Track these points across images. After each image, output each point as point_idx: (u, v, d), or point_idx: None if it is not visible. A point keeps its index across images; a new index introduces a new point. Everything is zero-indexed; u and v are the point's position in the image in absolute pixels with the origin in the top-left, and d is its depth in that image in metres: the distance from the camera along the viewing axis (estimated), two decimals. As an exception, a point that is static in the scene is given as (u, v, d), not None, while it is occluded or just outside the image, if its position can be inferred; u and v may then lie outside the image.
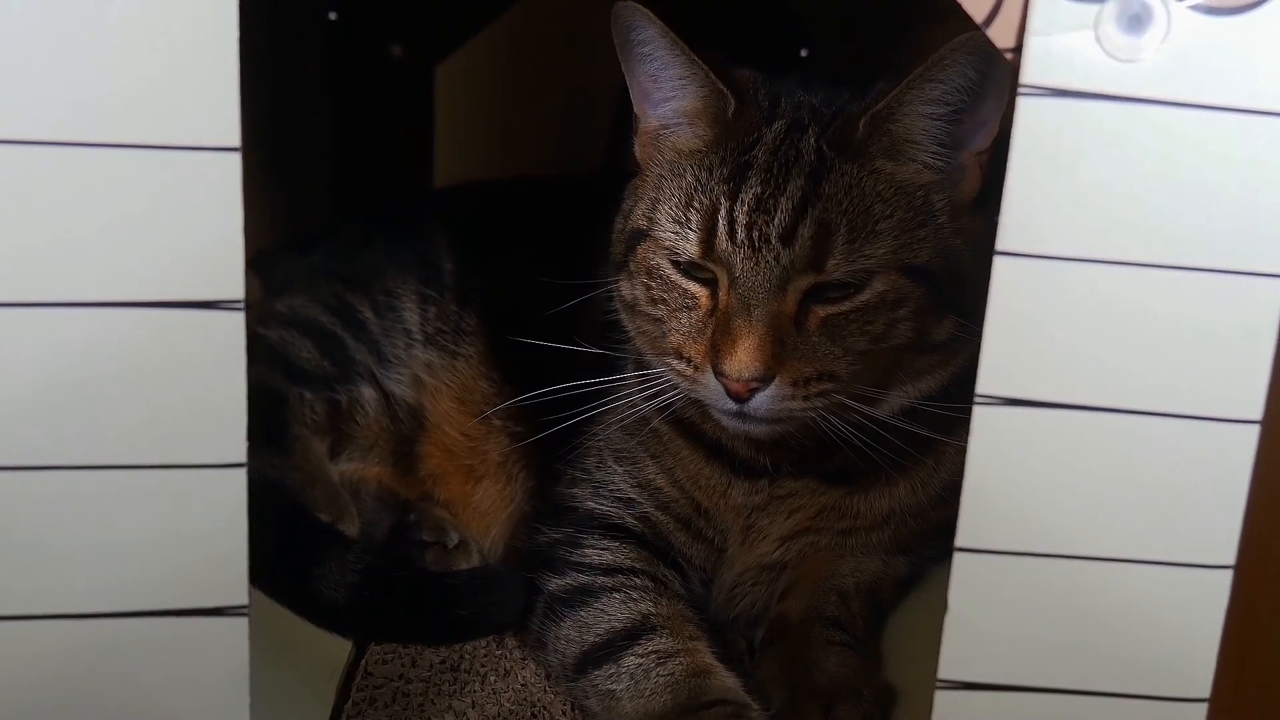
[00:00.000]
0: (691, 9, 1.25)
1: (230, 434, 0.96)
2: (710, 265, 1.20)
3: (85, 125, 0.90)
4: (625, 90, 1.29)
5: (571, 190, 1.78)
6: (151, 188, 0.92)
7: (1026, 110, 0.93)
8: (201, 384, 0.96)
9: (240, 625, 1.00)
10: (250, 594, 1.01)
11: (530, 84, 2.09)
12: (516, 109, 2.11)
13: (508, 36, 2.08)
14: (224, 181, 0.92)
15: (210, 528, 0.98)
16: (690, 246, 1.20)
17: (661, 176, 1.26)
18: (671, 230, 1.22)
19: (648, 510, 1.39)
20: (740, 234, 1.17)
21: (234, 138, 0.92)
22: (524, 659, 1.35)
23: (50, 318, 0.93)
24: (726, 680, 1.21)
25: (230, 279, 0.94)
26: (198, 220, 0.93)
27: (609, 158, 2.05)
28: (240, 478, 0.97)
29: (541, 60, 2.09)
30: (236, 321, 0.95)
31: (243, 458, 0.97)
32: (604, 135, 2.05)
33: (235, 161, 0.92)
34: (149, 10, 0.89)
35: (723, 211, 1.18)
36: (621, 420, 1.36)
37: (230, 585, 0.99)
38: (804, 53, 2.01)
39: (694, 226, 1.20)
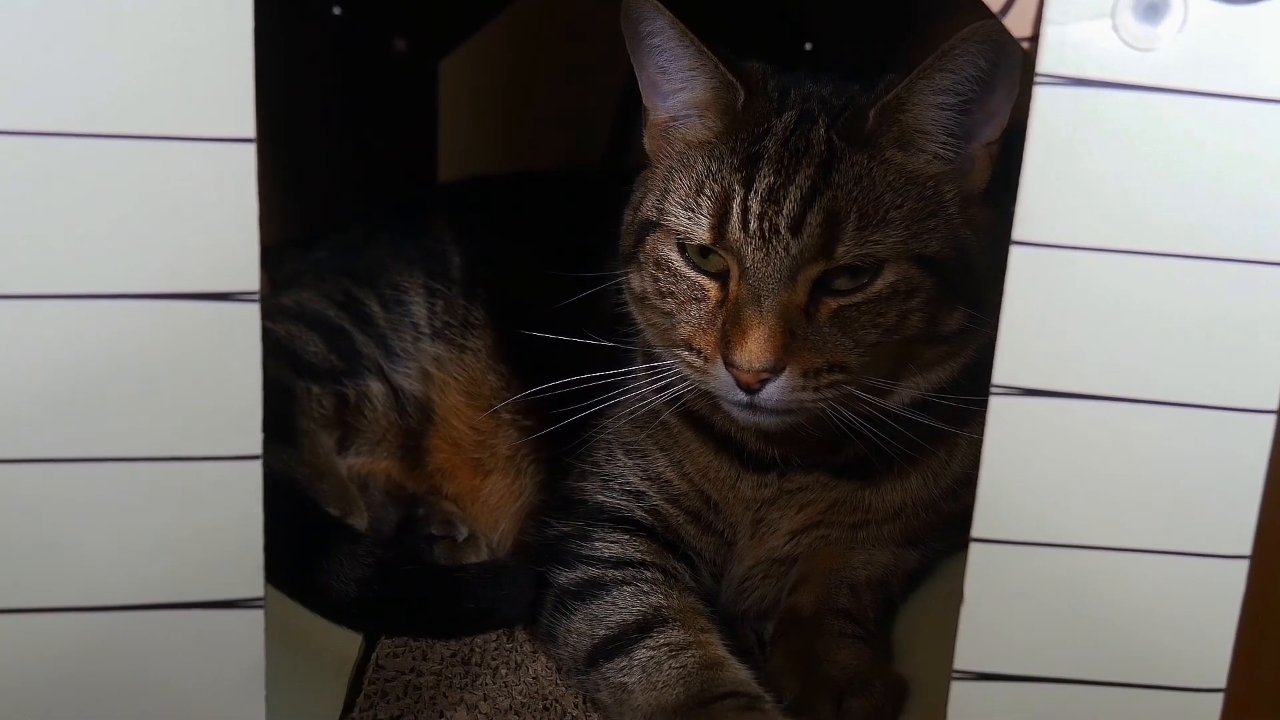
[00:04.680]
0: (698, 2, 1.24)
1: (245, 426, 0.96)
2: (721, 253, 1.19)
3: (99, 117, 0.90)
4: (630, 83, 1.29)
5: (577, 183, 1.78)
6: (166, 179, 0.92)
7: (1043, 99, 0.93)
8: (216, 376, 0.95)
9: (256, 618, 1.00)
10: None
11: (534, 78, 2.08)
12: (520, 103, 2.10)
13: (511, 31, 2.07)
14: (238, 173, 0.92)
15: (225, 520, 0.98)
16: (702, 231, 1.20)
17: (671, 168, 1.26)
18: (684, 216, 1.21)
19: (657, 503, 1.38)
20: (752, 224, 1.17)
21: (249, 129, 0.91)
22: (535, 652, 1.34)
23: (64, 310, 0.93)
24: (739, 672, 1.20)
25: (245, 271, 0.94)
26: (212, 212, 0.93)
27: (613, 151, 2.05)
28: (255, 470, 0.97)
29: (545, 54, 2.08)
30: (251, 313, 0.95)
31: (258, 450, 0.97)
32: (608, 129, 2.05)
33: (250, 153, 0.92)
34: (163, 1, 0.89)
35: (737, 200, 1.18)
36: (631, 413, 1.36)
37: (245, 578, 0.99)
38: (808, 46, 2.01)
39: (705, 212, 1.20)
